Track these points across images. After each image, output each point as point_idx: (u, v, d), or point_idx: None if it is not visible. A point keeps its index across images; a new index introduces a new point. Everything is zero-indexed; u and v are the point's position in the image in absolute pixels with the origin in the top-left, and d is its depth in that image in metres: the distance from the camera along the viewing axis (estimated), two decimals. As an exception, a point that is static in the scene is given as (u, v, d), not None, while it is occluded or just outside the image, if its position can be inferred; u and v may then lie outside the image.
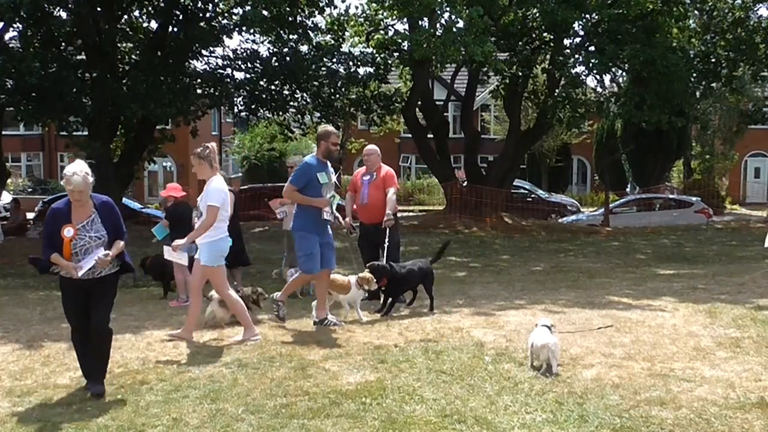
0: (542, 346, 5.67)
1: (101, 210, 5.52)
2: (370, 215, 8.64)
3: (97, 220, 5.48)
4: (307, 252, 7.34)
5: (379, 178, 8.63)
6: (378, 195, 8.56)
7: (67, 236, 5.35)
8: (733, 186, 36.33)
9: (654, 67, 17.77)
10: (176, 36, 19.04)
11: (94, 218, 5.48)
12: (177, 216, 9.45)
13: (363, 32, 20.96)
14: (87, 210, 5.47)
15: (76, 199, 5.36)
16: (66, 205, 5.46)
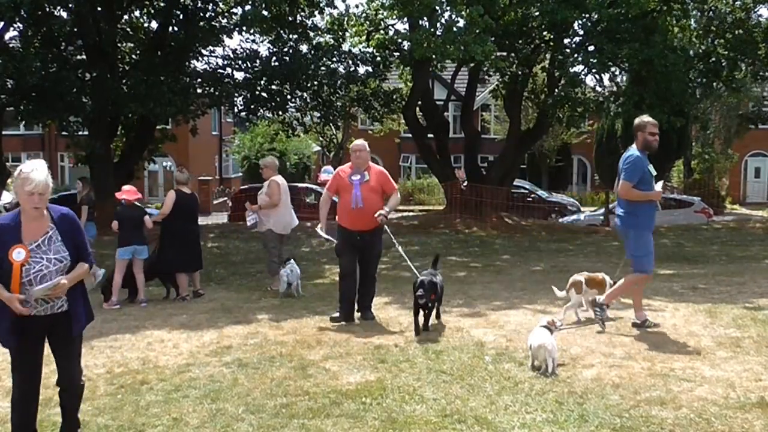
0: (539, 347, 5.67)
1: (61, 225, 4.26)
2: (360, 221, 7.58)
3: (56, 238, 4.22)
4: (647, 251, 6.85)
5: (373, 179, 7.64)
6: (375, 199, 7.59)
7: (17, 259, 4.06)
8: (733, 186, 36.34)
9: (653, 66, 17.77)
10: (176, 36, 19.06)
11: (51, 235, 4.23)
12: (124, 217, 9.55)
13: (363, 32, 20.96)
14: (43, 225, 4.22)
15: (35, 205, 4.13)
16: (13, 219, 4.20)
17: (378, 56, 19.97)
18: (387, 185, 7.74)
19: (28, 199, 4.13)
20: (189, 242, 9.85)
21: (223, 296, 10.02)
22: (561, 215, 26.01)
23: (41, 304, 4.20)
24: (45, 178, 4.14)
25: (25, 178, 4.12)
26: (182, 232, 9.72)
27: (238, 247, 16.45)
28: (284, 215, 10.18)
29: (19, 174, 4.15)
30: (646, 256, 6.85)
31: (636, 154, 6.79)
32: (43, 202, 4.16)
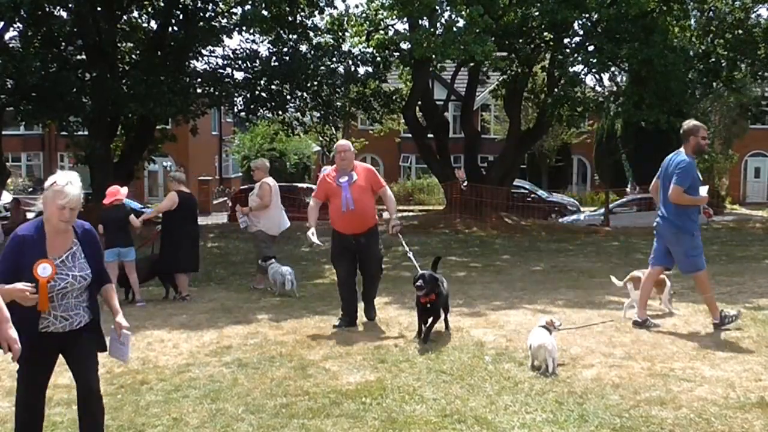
0: (539, 347, 5.67)
1: (84, 240, 4.09)
2: (353, 224, 7.28)
3: (79, 254, 4.04)
4: (701, 250, 7.05)
5: (361, 178, 7.28)
6: (366, 199, 7.29)
7: (43, 276, 3.84)
8: (733, 186, 36.36)
9: (652, 66, 17.78)
10: (176, 36, 19.06)
11: (75, 251, 4.04)
12: (108, 219, 9.49)
13: (363, 32, 20.97)
14: (67, 239, 4.03)
15: (65, 220, 3.91)
16: (36, 231, 3.96)
17: (378, 56, 19.98)
18: (376, 183, 7.40)
19: (59, 213, 3.88)
20: (189, 243, 9.87)
21: (223, 296, 10.02)
22: (561, 215, 26.01)
23: (60, 321, 4.01)
24: (79, 192, 3.93)
25: (59, 191, 3.87)
26: (183, 233, 9.74)
27: (238, 247, 16.45)
28: (275, 216, 10.28)
29: (52, 185, 3.88)
30: (700, 255, 7.06)
31: (687, 159, 6.84)
32: (73, 218, 3.94)
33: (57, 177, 3.94)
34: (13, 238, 3.97)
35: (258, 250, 10.50)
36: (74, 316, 4.05)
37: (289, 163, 39.56)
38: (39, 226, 3.97)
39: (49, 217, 3.91)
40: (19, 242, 3.93)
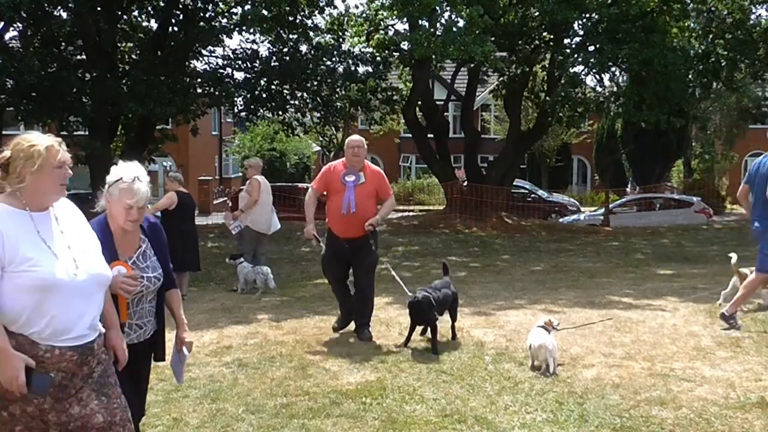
0: (539, 347, 5.67)
1: (153, 236, 3.73)
2: (351, 228, 6.74)
3: (149, 252, 3.67)
4: None
5: (369, 182, 6.75)
6: (369, 205, 6.76)
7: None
8: (733, 186, 36.28)
9: (652, 66, 17.79)
10: (176, 36, 19.07)
11: (145, 249, 3.66)
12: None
13: (363, 32, 20.98)
14: (136, 237, 3.65)
15: (133, 220, 3.51)
16: (102, 230, 3.48)
17: (378, 56, 19.99)
18: (383, 189, 6.91)
19: (126, 213, 3.48)
20: (189, 242, 9.87)
21: (223, 296, 10.02)
22: (561, 215, 26.02)
23: (134, 330, 3.63)
24: (148, 189, 3.55)
25: (126, 190, 3.46)
26: (184, 232, 9.73)
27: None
28: (263, 213, 10.28)
29: (117, 182, 3.48)
30: None
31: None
32: (141, 217, 3.56)
33: (122, 172, 3.51)
34: None
35: (239, 248, 10.49)
36: (147, 323, 3.68)
37: (289, 163, 39.57)
38: (103, 223, 3.54)
39: (114, 216, 3.52)
40: None
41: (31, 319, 2.85)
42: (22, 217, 2.94)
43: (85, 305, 3.00)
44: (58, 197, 3.06)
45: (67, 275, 2.92)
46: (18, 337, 2.84)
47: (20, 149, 2.95)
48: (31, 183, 2.93)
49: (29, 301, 2.84)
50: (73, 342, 2.94)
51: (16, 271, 2.83)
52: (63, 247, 2.98)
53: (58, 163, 2.99)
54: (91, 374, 3.03)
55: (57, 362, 2.91)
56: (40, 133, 3.05)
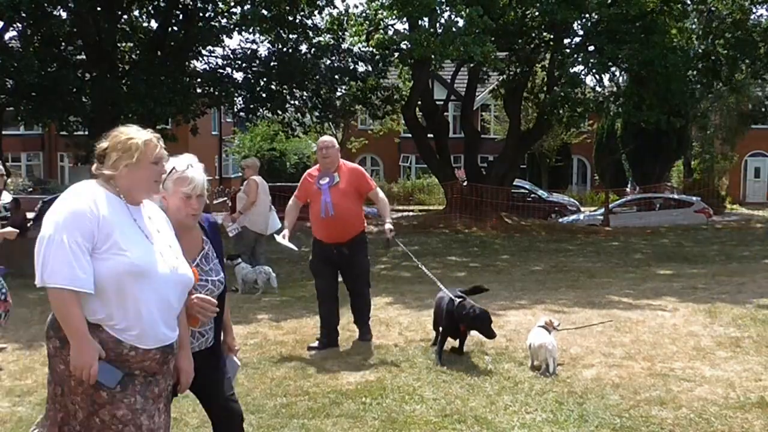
0: (539, 347, 5.67)
1: (213, 238, 3.46)
2: (334, 232, 6.46)
3: (212, 255, 3.40)
4: None
5: (343, 181, 6.39)
6: (347, 204, 6.38)
7: None
8: (733, 186, 36.34)
9: (653, 66, 17.79)
10: (176, 35, 19.07)
11: (208, 251, 3.39)
12: None
13: (363, 32, 20.98)
14: (198, 237, 3.38)
15: (192, 212, 3.25)
16: None
17: (377, 55, 19.99)
18: (363, 185, 6.50)
19: (185, 204, 3.23)
20: None
21: (223, 296, 9.99)
22: (561, 215, 26.02)
23: (197, 338, 3.35)
24: (204, 176, 3.35)
25: (181, 178, 3.25)
26: None
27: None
28: (261, 214, 10.25)
29: (171, 173, 3.25)
30: None
31: None
32: (201, 208, 3.28)
33: (175, 162, 3.30)
34: None
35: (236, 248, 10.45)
36: (209, 331, 3.41)
37: (289, 163, 39.58)
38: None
39: (174, 211, 3.23)
40: None
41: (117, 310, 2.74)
42: (119, 203, 2.84)
43: (173, 302, 2.90)
44: (151, 193, 2.97)
45: (165, 267, 2.83)
46: (102, 334, 2.74)
47: (118, 141, 2.87)
48: (127, 176, 2.84)
49: (118, 287, 2.72)
50: (157, 341, 2.83)
51: (108, 253, 2.72)
52: (161, 241, 2.90)
53: (155, 159, 2.91)
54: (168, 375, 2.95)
55: (141, 360, 2.81)
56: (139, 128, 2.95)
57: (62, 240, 2.66)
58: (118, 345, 2.76)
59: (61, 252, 2.65)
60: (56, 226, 2.70)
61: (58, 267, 2.65)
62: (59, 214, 2.73)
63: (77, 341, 2.69)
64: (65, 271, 2.64)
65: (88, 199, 2.77)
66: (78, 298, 2.69)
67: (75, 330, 2.69)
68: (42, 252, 2.69)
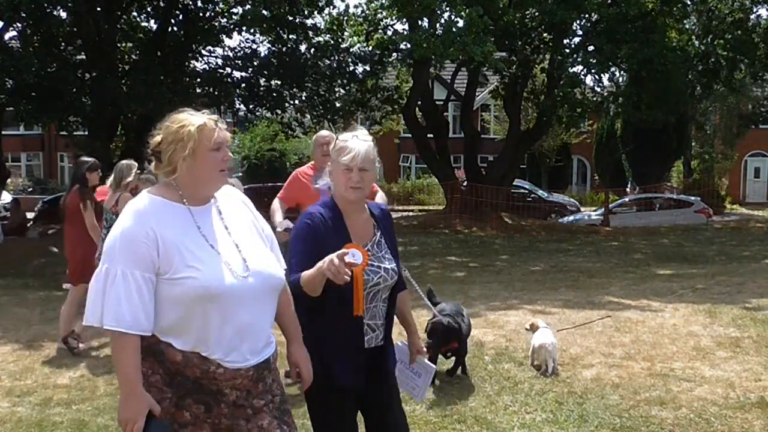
0: (540, 347, 5.67)
1: (385, 226, 3.08)
2: None
3: (384, 243, 3.03)
4: None
5: None
6: None
7: (357, 262, 2.75)
8: (733, 186, 36.35)
9: (652, 66, 17.80)
10: (176, 35, 19.07)
11: (380, 239, 3.03)
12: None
13: (362, 32, 20.98)
14: (369, 223, 3.04)
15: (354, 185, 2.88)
16: (332, 210, 2.94)
17: (376, 55, 19.98)
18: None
19: (345, 177, 2.87)
20: None
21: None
22: (560, 215, 26.02)
23: (367, 332, 2.97)
24: (369, 148, 2.91)
25: (341, 147, 2.91)
26: None
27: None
28: None
29: (335, 145, 2.97)
30: None
31: None
32: (365, 184, 2.90)
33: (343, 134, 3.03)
34: (306, 221, 2.93)
35: None
36: (379, 326, 3.01)
37: (289, 163, 39.55)
38: (331, 205, 2.98)
39: (337, 187, 2.94)
40: (316, 224, 2.89)
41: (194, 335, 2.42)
42: (181, 211, 2.48)
43: (258, 314, 2.53)
44: (218, 186, 2.56)
45: (235, 279, 2.44)
46: (185, 351, 2.44)
47: (169, 132, 2.48)
48: (185, 171, 2.46)
49: (192, 312, 2.40)
50: (247, 360, 2.50)
51: (174, 278, 2.39)
52: (229, 245, 2.51)
53: (215, 145, 2.48)
54: (268, 392, 2.58)
55: (231, 378, 2.47)
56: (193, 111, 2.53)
57: (116, 273, 2.36)
58: (203, 362, 2.44)
59: (115, 288, 2.35)
60: (111, 257, 2.39)
61: (110, 305, 2.35)
62: (113, 240, 2.42)
63: (125, 391, 2.39)
64: (115, 310, 2.35)
65: (142, 221, 2.41)
66: (132, 342, 2.37)
67: (124, 378, 2.39)
68: (98, 285, 2.39)
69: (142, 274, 2.36)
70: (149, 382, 2.45)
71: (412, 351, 3.25)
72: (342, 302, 2.81)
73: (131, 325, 2.34)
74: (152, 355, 2.43)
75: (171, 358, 2.43)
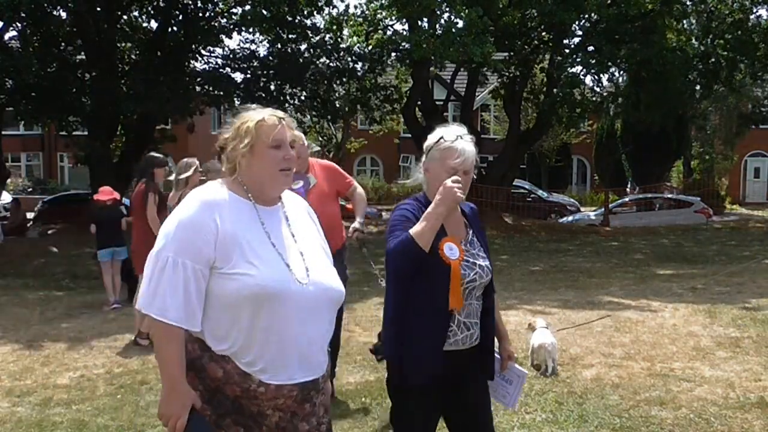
0: (539, 346, 5.67)
1: (476, 225, 3.02)
2: None
3: (476, 242, 2.97)
4: None
5: (321, 181, 5.05)
6: (331, 209, 5.02)
7: (454, 258, 2.78)
8: (733, 186, 36.34)
9: (651, 67, 17.81)
10: (176, 36, 19.08)
11: (473, 238, 2.98)
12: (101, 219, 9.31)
13: (362, 32, 20.98)
14: (461, 221, 2.97)
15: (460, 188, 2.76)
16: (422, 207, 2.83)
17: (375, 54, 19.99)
18: (341, 182, 5.23)
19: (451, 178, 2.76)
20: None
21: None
22: (560, 215, 26.04)
23: (462, 330, 2.85)
24: (475, 151, 2.86)
25: (448, 149, 2.81)
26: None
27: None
28: None
29: (437, 143, 2.84)
30: None
31: None
32: (466, 187, 2.81)
33: (442, 132, 2.88)
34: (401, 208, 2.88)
35: None
36: (474, 326, 2.89)
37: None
38: (422, 200, 2.89)
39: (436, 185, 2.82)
40: (412, 212, 2.84)
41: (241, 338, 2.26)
42: (246, 207, 2.35)
43: (312, 327, 2.34)
44: (278, 186, 2.41)
45: (294, 284, 2.30)
46: (227, 365, 2.27)
47: (234, 128, 2.37)
48: (246, 170, 2.35)
49: (242, 313, 2.25)
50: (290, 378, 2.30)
51: (230, 273, 2.25)
52: (294, 251, 2.37)
53: (273, 142, 2.34)
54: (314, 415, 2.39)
55: (273, 398, 2.29)
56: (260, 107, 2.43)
57: (167, 260, 2.23)
58: (244, 379, 2.27)
59: (164, 276, 2.23)
60: (166, 242, 2.26)
61: (158, 293, 2.23)
62: (170, 226, 2.28)
63: (168, 385, 2.26)
64: (161, 299, 2.22)
65: (205, 210, 2.28)
66: (176, 335, 2.23)
67: (167, 373, 2.26)
68: (147, 270, 2.28)
69: (194, 265, 2.23)
70: None
71: (503, 357, 3.10)
72: (433, 296, 2.73)
73: (175, 317, 2.21)
74: (193, 370, 2.30)
75: (211, 374, 2.28)
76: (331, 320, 2.43)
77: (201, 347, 2.29)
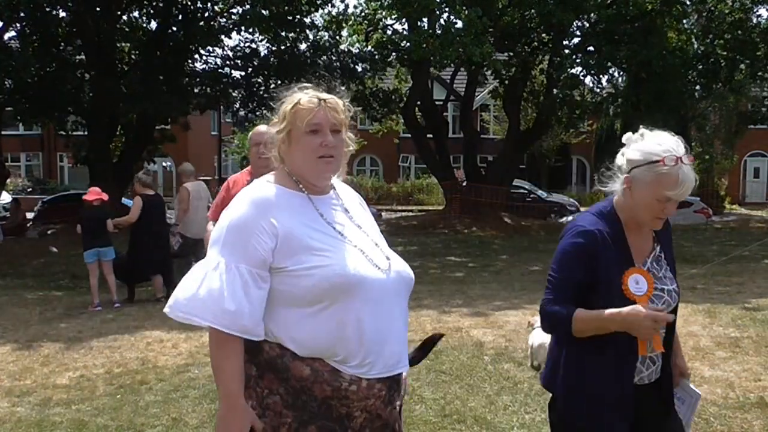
0: (539, 346, 5.66)
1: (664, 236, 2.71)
2: None
3: (662, 259, 2.62)
4: None
5: None
6: None
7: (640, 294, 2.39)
8: (733, 186, 36.35)
9: (651, 67, 17.82)
10: (175, 36, 19.09)
11: (659, 254, 2.63)
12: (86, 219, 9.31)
13: (362, 31, 20.99)
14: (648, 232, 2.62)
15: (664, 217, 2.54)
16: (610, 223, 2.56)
17: (376, 54, 20.01)
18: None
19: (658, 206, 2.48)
20: (159, 245, 9.71)
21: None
22: (560, 215, 26.04)
23: (647, 366, 2.49)
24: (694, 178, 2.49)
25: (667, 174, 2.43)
26: (151, 236, 9.58)
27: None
28: (193, 221, 9.77)
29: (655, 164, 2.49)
30: None
31: None
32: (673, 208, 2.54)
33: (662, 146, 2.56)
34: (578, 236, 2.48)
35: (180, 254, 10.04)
36: (659, 357, 2.52)
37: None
38: (613, 218, 2.55)
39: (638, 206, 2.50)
40: (592, 241, 2.43)
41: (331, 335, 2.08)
42: (299, 199, 2.18)
43: (398, 317, 2.19)
44: (320, 174, 2.21)
45: (377, 271, 2.14)
46: (314, 362, 2.09)
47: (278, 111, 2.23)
48: (287, 157, 2.20)
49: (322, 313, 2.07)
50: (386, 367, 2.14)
51: (300, 270, 2.07)
52: (365, 240, 2.20)
53: (309, 126, 2.15)
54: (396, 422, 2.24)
55: (363, 398, 2.12)
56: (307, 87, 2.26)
57: (219, 264, 2.07)
58: (335, 377, 2.09)
59: (217, 280, 2.05)
60: (218, 245, 2.10)
61: (210, 299, 2.05)
62: (222, 229, 2.12)
63: (226, 404, 2.06)
64: (214, 305, 2.04)
65: (259, 210, 2.10)
66: (235, 346, 2.05)
67: (224, 387, 2.06)
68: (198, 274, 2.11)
69: (250, 269, 2.05)
70: (265, 404, 2.10)
71: (675, 373, 2.65)
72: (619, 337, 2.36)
73: (231, 325, 2.02)
74: (273, 371, 2.09)
75: (297, 374, 2.08)
76: (406, 309, 2.26)
77: (280, 345, 2.10)
